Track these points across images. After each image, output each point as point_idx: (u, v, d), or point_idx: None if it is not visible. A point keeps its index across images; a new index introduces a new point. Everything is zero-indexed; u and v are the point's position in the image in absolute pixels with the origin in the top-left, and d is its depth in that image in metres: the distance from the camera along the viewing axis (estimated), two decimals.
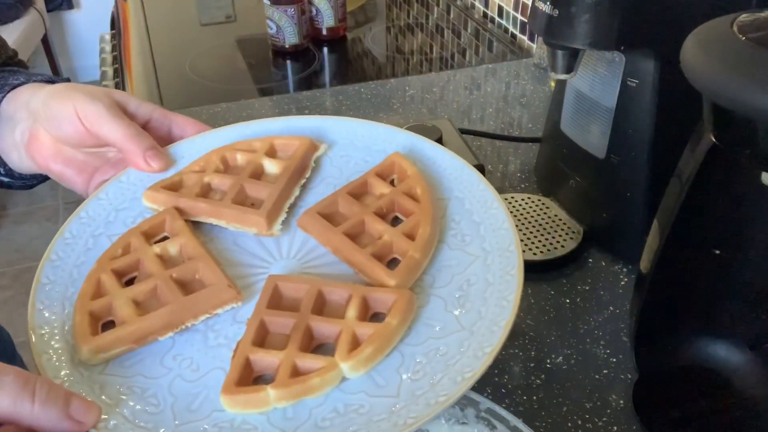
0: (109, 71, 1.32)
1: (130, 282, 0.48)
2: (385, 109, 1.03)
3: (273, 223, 0.51)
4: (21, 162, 0.59)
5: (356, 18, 1.43)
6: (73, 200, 2.53)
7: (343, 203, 0.51)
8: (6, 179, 0.63)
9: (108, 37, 1.50)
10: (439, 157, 0.54)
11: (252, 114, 1.01)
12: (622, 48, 0.62)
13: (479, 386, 0.59)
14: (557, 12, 0.61)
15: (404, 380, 0.41)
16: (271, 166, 0.54)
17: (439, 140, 0.65)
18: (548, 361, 0.62)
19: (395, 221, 0.51)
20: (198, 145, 0.57)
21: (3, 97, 0.58)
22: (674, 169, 0.51)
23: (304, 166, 0.55)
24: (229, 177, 0.53)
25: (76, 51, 3.30)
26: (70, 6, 3.17)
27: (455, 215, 0.50)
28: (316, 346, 0.44)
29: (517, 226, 0.75)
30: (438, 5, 1.46)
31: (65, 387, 0.41)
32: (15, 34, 2.62)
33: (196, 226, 0.52)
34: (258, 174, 0.54)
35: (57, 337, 0.44)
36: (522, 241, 0.73)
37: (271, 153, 0.55)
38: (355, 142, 0.57)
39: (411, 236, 0.47)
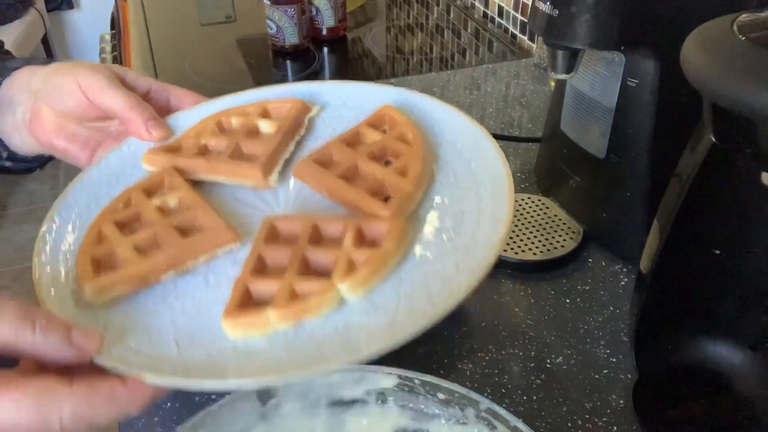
0: None
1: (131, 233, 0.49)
2: None
3: (269, 175, 0.51)
4: (23, 143, 0.60)
5: (356, 18, 1.43)
6: None
7: (337, 151, 0.51)
8: (8, 163, 0.63)
9: (108, 37, 1.50)
10: (430, 108, 0.55)
11: None
12: (622, 48, 0.62)
13: (479, 386, 0.59)
14: (557, 12, 0.61)
15: (402, 299, 0.42)
16: (265, 126, 0.55)
17: None
18: (548, 361, 0.62)
19: (388, 165, 0.51)
20: (196, 115, 0.58)
21: (3, 80, 0.58)
22: (674, 169, 0.52)
23: (297, 125, 0.55)
24: (225, 138, 0.54)
25: (76, 51, 3.29)
26: (70, 6, 3.17)
27: (447, 156, 0.51)
28: (313, 276, 0.44)
29: (517, 225, 0.75)
30: (438, 5, 1.46)
31: None
32: (15, 34, 2.62)
33: (195, 185, 0.52)
34: (253, 134, 0.55)
35: (60, 286, 0.45)
36: (522, 240, 0.73)
37: (265, 115, 0.56)
38: (347, 103, 0.57)
39: (403, 174, 0.48)
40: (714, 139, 0.46)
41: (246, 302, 0.42)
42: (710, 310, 0.56)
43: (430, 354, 0.62)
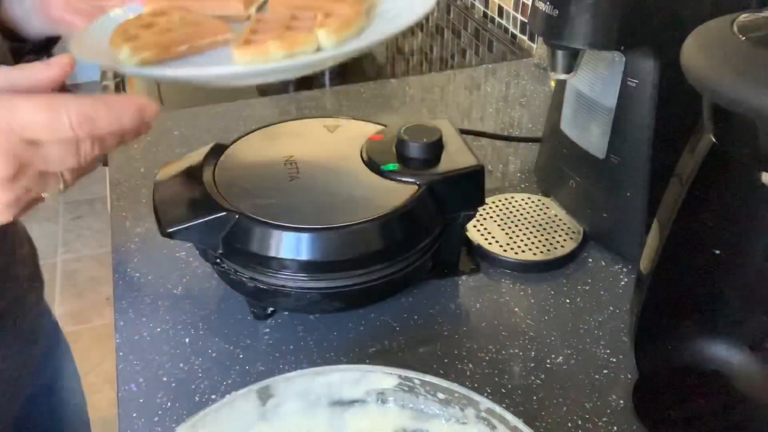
0: (110, 71, 1.32)
1: None
2: (385, 109, 1.03)
3: (249, 7, 0.62)
4: (34, 27, 0.68)
5: None
6: (73, 200, 2.53)
7: None
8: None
9: None
10: None
11: (252, 114, 1.01)
12: (622, 48, 0.62)
13: (479, 386, 0.59)
14: (557, 12, 0.61)
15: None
16: None
17: (439, 140, 0.65)
18: (548, 361, 0.62)
19: None
20: None
21: None
22: (674, 169, 0.52)
23: None
24: None
25: None
26: None
27: None
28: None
29: (517, 225, 0.75)
30: (438, 5, 1.46)
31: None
32: None
33: None
34: None
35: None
36: (522, 240, 0.73)
37: None
38: None
39: None
40: (714, 139, 0.46)
41: (249, 42, 0.54)
42: (710, 310, 0.56)
43: (430, 354, 0.62)
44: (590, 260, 0.73)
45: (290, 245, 0.59)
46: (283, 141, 0.70)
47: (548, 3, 0.61)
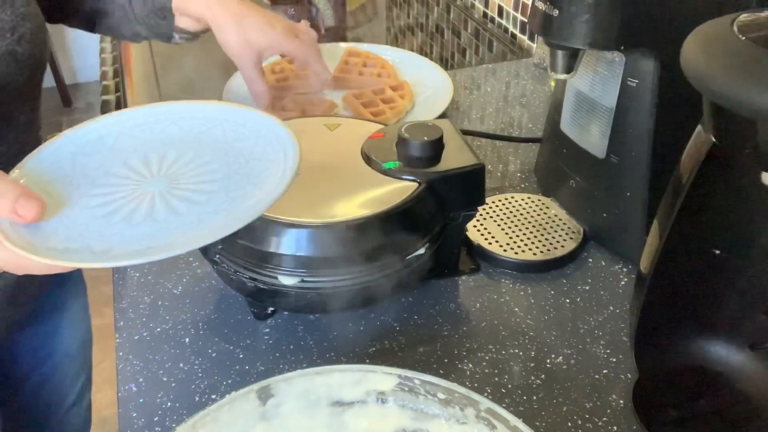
0: (110, 71, 1.32)
1: None
2: None
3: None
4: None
5: (356, 18, 1.43)
6: None
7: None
8: None
9: (108, 36, 1.49)
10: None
11: None
12: (622, 48, 0.62)
13: (479, 386, 0.59)
14: (557, 12, 0.61)
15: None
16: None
17: (440, 140, 0.65)
18: (548, 361, 0.62)
19: None
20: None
21: None
22: (674, 169, 0.52)
23: None
24: None
25: (76, 51, 3.29)
26: None
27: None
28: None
29: (517, 225, 0.75)
30: (438, 5, 1.46)
31: None
32: None
33: None
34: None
35: None
36: (522, 240, 0.73)
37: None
38: None
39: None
40: (714, 139, 0.46)
41: None
42: (710, 310, 0.56)
43: (430, 354, 0.62)
44: (590, 260, 0.73)
45: (289, 241, 0.58)
46: None
47: (548, 3, 0.61)
